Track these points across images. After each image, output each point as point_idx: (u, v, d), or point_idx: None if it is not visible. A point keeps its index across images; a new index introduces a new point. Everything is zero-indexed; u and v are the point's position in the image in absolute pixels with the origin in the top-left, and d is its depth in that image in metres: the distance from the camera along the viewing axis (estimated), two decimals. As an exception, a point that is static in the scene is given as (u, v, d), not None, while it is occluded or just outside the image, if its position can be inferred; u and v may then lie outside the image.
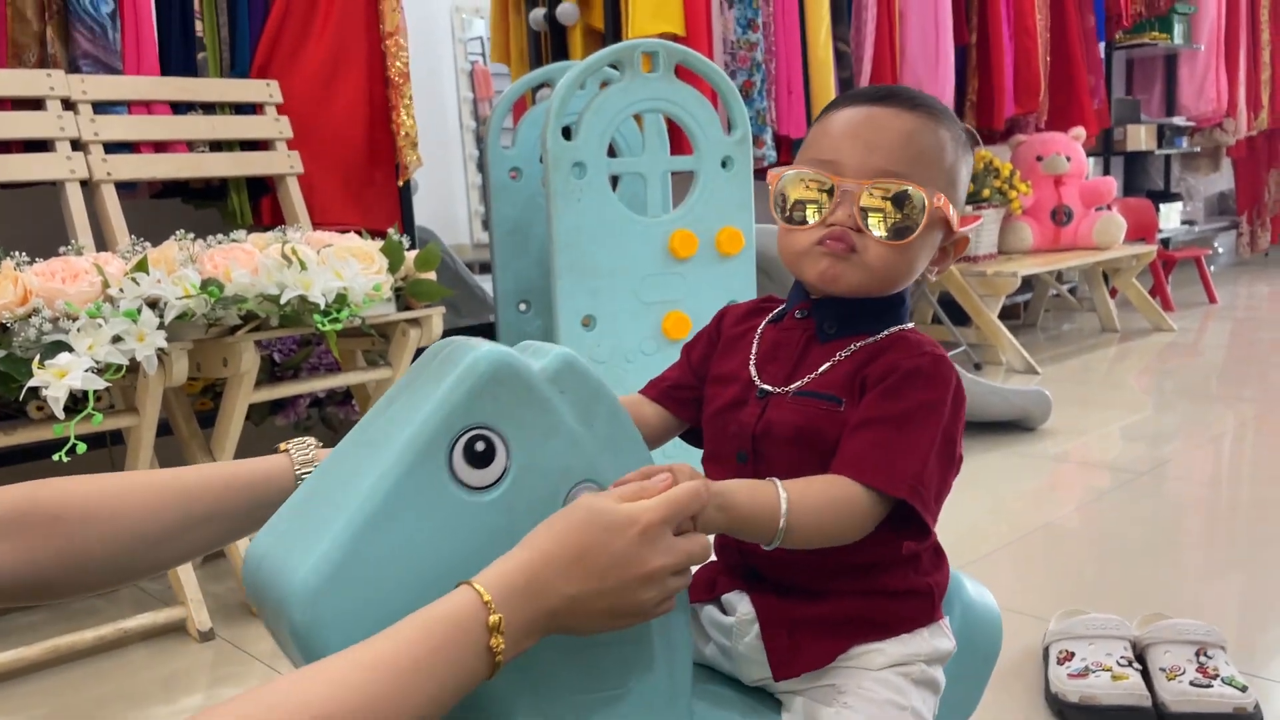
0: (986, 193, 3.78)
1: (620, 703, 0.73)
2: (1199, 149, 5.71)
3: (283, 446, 0.82)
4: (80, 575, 0.74)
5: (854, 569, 0.81)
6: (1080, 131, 4.14)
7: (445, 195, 4.70)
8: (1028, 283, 4.23)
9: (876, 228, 0.80)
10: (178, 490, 0.77)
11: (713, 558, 0.81)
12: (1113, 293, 4.36)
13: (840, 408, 0.80)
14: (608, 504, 0.68)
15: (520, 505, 0.69)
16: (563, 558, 0.65)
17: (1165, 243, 5.13)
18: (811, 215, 0.82)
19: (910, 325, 0.85)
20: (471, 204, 4.80)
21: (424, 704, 0.59)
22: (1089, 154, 4.48)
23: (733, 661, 0.85)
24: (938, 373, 0.79)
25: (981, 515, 2.19)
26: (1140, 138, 5.04)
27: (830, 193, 0.81)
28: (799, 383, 0.83)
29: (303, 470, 0.81)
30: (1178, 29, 5.10)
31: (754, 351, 0.87)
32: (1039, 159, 4.05)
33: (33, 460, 1.81)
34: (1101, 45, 4.52)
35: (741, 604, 0.84)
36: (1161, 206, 5.08)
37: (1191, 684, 1.33)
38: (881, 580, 0.82)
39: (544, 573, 0.65)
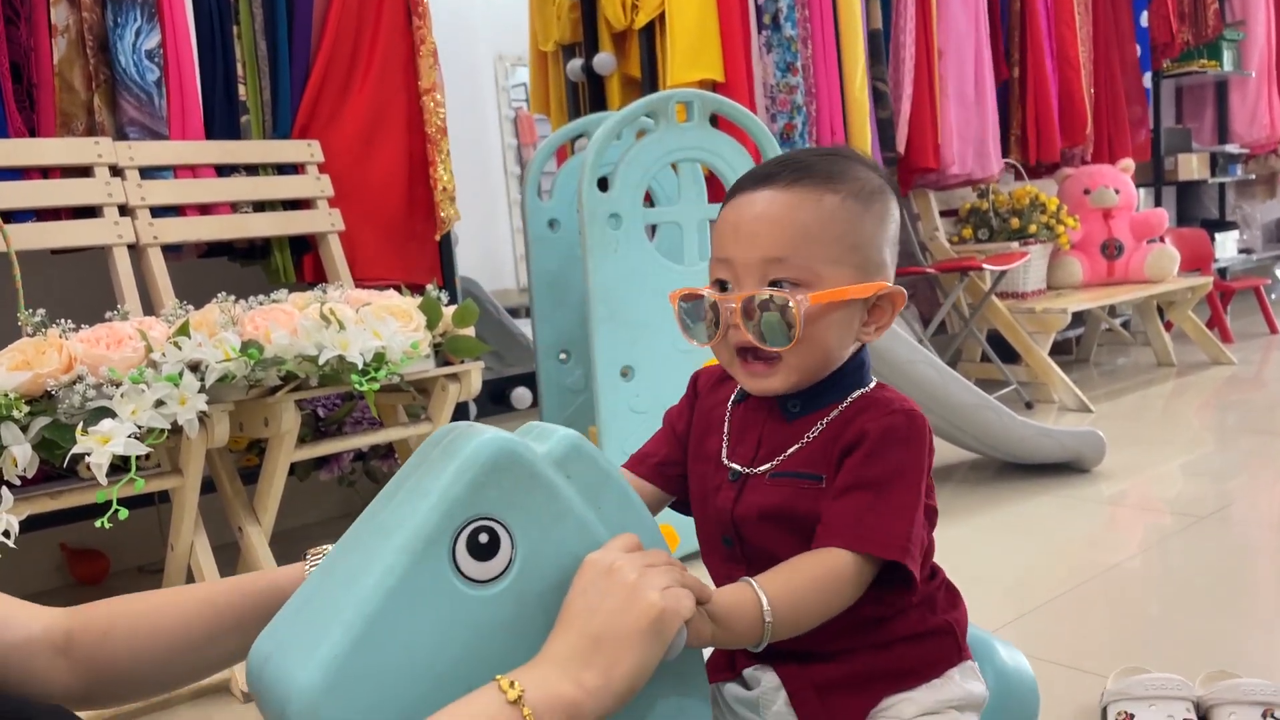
0: (1034, 228, 3.72)
1: None
2: (1254, 176, 5.59)
3: (311, 552, 0.85)
4: (126, 687, 0.82)
5: (865, 623, 0.81)
6: (1128, 163, 4.08)
7: (490, 241, 4.74)
8: (1079, 318, 4.15)
9: (766, 341, 0.79)
10: (205, 603, 0.82)
11: None
12: (1168, 326, 4.25)
13: (822, 484, 0.79)
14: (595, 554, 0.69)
15: (529, 594, 0.67)
16: (574, 632, 0.66)
17: (1222, 272, 5.01)
18: (712, 332, 0.82)
19: (873, 383, 0.84)
20: (516, 249, 4.83)
21: None
22: (1139, 185, 4.40)
23: None
24: (913, 430, 0.79)
25: (1036, 562, 2.13)
26: (1192, 167, 4.95)
27: (715, 310, 0.81)
28: (772, 463, 0.82)
29: None
30: (1227, 56, 5.01)
31: (725, 431, 0.87)
32: (1086, 192, 3.99)
33: (80, 519, 1.83)
34: (1149, 75, 4.46)
35: (765, 676, 0.84)
36: (1217, 236, 4.96)
37: (1260, 748, 1.27)
38: (897, 628, 0.82)
39: (564, 658, 0.65)
